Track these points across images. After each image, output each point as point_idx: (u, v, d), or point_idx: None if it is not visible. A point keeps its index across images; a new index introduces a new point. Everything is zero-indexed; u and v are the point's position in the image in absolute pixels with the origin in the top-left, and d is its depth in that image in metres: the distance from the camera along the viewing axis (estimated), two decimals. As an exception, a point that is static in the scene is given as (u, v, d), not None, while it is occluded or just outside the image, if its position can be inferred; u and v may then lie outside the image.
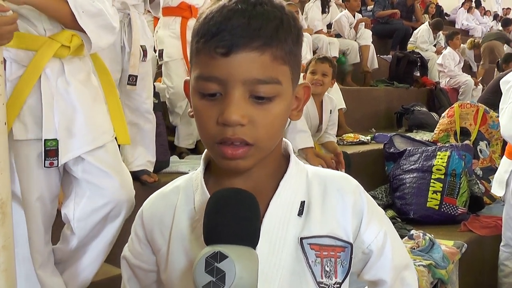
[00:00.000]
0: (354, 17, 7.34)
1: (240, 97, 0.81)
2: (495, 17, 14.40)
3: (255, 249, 0.76)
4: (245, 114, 0.81)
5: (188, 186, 0.96)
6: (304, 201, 0.91)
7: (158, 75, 4.02)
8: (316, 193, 0.93)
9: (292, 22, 0.85)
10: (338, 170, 3.22)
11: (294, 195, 0.91)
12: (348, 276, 0.91)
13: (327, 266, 0.88)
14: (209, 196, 0.88)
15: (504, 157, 3.01)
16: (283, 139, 0.96)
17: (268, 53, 0.81)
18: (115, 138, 2.05)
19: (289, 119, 0.92)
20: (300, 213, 0.90)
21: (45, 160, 1.82)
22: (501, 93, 3.00)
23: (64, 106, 1.86)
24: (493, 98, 5.62)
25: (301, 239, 0.88)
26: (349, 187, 0.95)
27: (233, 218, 0.75)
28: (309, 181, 0.94)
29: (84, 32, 1.84)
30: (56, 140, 1.83)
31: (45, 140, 1.82)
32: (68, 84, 1.87)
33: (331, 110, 3.54)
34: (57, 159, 1.84)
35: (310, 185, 0.93)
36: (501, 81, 3.51)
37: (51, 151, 1.82)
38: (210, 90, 0.82)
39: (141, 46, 2.75)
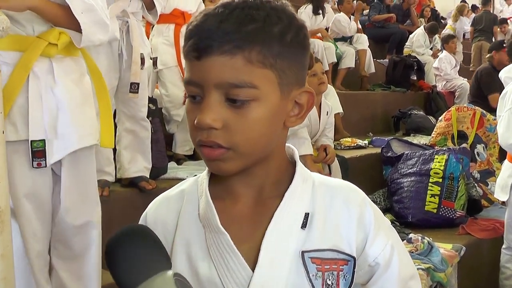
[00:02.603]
0: (349, 19, 7.35)
1: (214, 101, 0.81)
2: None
3: (170, 268, 0.76)
4: (218, 118, 0.81)
5: (192, 191, 0.94)
6: (308, 213, 0.88)
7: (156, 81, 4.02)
8: (321, 204, 0.90)
9: (284, 23, 0.83)
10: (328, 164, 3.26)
11: (299, 207, 0.89)
12: None
13: (329, 280, 0.87)
14: (213, 206, 0.88)
15: (507, 161, 3.01)
16: (290, 145, 0.94)
17: (240, 57, 0.80)
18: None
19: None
20: (304, 225, 0.87)
21: (33, 161, 1.81)
22: (479, 87, 3.03)
23: (51, 105, 1.84)
24: (479, 97, 5.73)
25: (303, 252, 0.86)
26: (356, 199, 0.92)
27: (133, 261, 0.75)
28: (314, 190, 0.91)
29: (76, 29, 1.83)
30: (43, 141, 1.81)
31: (31, 141, 1.80)
32: (56, 84, 1.84)
33: (327, 112, 3.56)
34: (45, 160, 1.82)
35: (315, 196, 0.91)
36: (502, 76, 3.52)
37: (38, 152, 1.80)
38: (191, 93, 0.84)
39: (140, 53, 2.74)
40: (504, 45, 6.01)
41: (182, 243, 0.92)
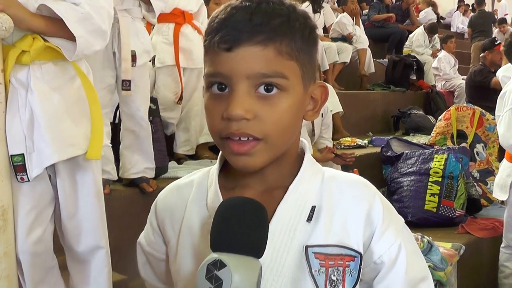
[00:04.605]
0: (352, 20, 7.34)
1: (244, 92, 0.82)
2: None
3: (260, 258, 0.76)
4: (250, 109, 0.81)
5: (202, 182, 0.96)
6: (314, 206, 0.88)
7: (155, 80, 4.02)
8: (329, 198, 0.90)
9: (302, 20, 0.86)
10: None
11: (305, 200, 0.89)
12: (357, 286, 0.88)
13: (334, 275, 0.86)
14: (220, 196, 0.90)
15: (505, 161, 3.02)
16: (301, 139, 0.95)
17: (272, 48, 0.82)
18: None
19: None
20: (309, 218, 0.87)
21: (16, 175, 1.76)
22: (475, 86, 3.05)
23: (28, 117, 1.76)
24: (474, 98, 5.77)
25: (306, 247, 0.86)
26: (366, 195, 0.92)
27: (239, 229, 0.75)
28: (323, 184, 0.91)
29: (71, 39, 1.76)
30: (22, 155, 1.75)
31: (11, 155, 1.74)
32: (32, 93, 1.76)
33: (322, 114, 3.54)
34: (26, 174, 1.76)
35: (324, 189, 0.90)
36: (499, 75, 3.53)
37: (18, 166, 1.75)
38: (217, 85, 0.84)
39: (131, 51, 2.71)
40: (496, 43, 6.04)
41: (188, 231, 0.93)
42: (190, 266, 0.92)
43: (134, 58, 2.72)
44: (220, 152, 0.95)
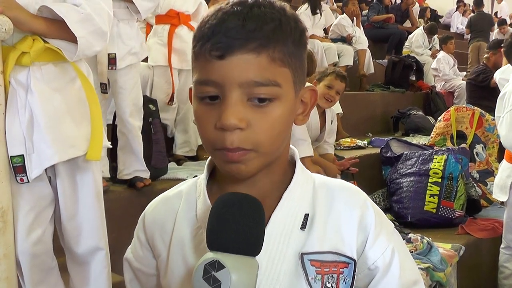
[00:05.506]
0: (352, 21, 7.35)
1: (237, 100, 0.79)
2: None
3: (256, 256, 0.75)
4: (243, 118, 0.79)
5: (191, 192, 0.94)
6: (308, 214, 0.87)
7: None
8: (322, 205, 0.89)
9: (293, 24, 0.84)
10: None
11: (298, 207, 0.88)
12: None
13: (328, 283, 0.85)
14: (210, 205, 0.87)
15: (505, 161, 3.02)
16: (290, 146, 0.93)
17: (265, 55, 0.79)
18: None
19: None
20: (303, 226, 0.86)
21: (16, 176, 1.75)
22: (476, 85, 3.04)
23: (28, 118, 1.76)
24: (475, 98, 5.75)
25: (302, 254, 0.85)
26: (357, 201, 0.91)
27: (236, 226, 0.74)
28: (315, 191, 0.90)
29: (72, 40, 1.77)
30: (21, 156, 1.74)
31: (11, 156, 1.73)
32: (32, 94, 1.76)
33: (332, 121, 3.57)
34: (26, 176, 1.76)
35: (316, 196, 0.90)
36: (496, 77, 3.52)
37: (18, 167, 1.74)
38: (207, 94, 0.81)
39: (110, 54, 2.70)
40: (502, 45, 6.04)
41: (179, 244, 0.92)
42: (181, 278, 0.90)
43: (113, 61, 2.72)
44: (207, 161, 0.94)
